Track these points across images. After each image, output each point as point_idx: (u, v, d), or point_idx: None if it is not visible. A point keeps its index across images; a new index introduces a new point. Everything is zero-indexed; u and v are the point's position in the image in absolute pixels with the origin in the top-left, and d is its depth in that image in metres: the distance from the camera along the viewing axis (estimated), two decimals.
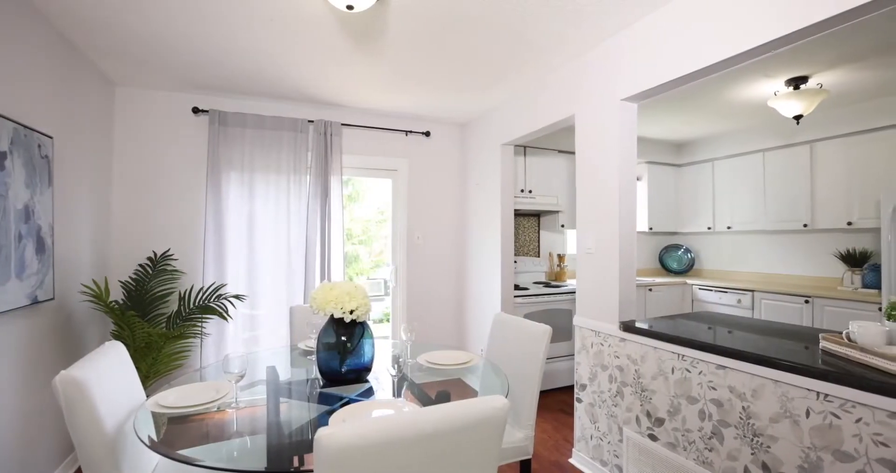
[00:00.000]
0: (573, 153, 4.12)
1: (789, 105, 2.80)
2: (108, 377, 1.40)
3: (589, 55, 2.41)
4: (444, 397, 1.61)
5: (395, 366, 1.45)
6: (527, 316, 3.47)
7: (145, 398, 1.64)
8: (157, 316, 2.93)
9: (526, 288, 3.62)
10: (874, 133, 3.27)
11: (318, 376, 1.70)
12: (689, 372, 1.76)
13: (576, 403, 2.45)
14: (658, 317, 2.25)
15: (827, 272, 3.74)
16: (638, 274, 4.78)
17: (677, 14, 1.88)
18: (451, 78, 2.89)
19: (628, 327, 2.07)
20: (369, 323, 1.75)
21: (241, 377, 1.46)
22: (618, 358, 2.15)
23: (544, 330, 1.86)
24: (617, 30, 2.17)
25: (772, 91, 3.00)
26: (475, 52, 2.46)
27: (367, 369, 1.71)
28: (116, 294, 2.98)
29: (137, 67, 2.75)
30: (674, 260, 4.88)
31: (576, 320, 2.45)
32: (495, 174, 3.43)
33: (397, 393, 1.53)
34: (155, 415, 1.37)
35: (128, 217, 3.09)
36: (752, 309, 3.69)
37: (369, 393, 1.68)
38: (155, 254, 3.08)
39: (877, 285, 3.20)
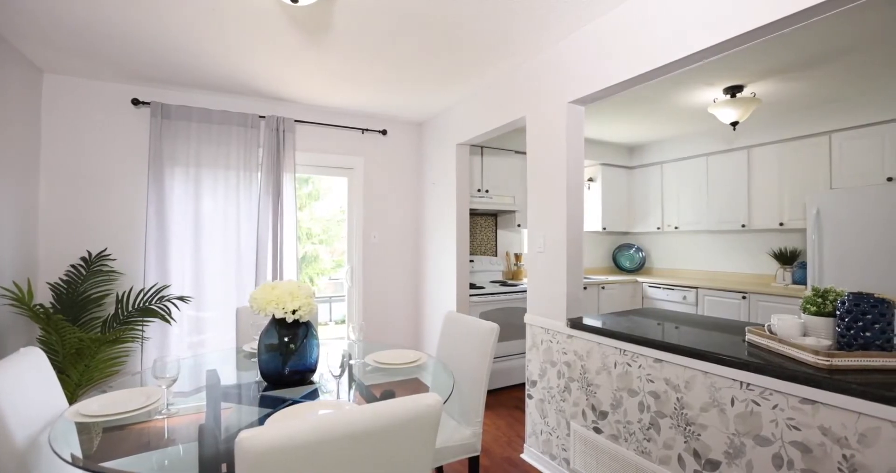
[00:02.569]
0: None
1: (726, 112, 2.96)
2: (21, 386, 1.29)
3: (538, 58, 2.46)
4: (388, 396, 1.59)
5: (340, 367, 1.42)
6: (482, 315, 3.51)
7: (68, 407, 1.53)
8: (92, 320, 2.75)
9: (482, 288, 3.65)
10: (802, 140, 3.52)
11: (261, 379, 1.65)
12: (630, 366, 1.83)
13: (527, 399, 2.49)
14: (607, 314, 2.33)
15: (762, 269, 4.00)
16: (591, 273, 4.94)
17: (621, 22, 1.95)
18: (404, 76, 2.87)
19: (575, 324, 2.13)
20: (314, 322, 1.71)
21: (174, 381, 1.39)
22: (566, 354, 2.20)
23: (491, 328, 1.88)
24: (565, 34, 2.23)
25: (712, 98, 3.17)
26: (425, 51, 2.46)
27: (312, 370, 1.67)
28: (45, 296, 2.78)
29: (66, 54, 2.57)
30: (626, 258, 5.07)
31: (527, 318, 2.50)
32: (451, 174, 3.44)
33: (341, 393, 1.50)
34: (77, 426, 1.28)
35: (59, 213, 2.88)
36: (696, 305, 3.89)
37: (314, 394, 1.64)
38: (90, 254, 2.90)
39: (804, 281, 3.45)
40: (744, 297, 3.54)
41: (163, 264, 3.03)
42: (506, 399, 3.40)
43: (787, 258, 3.70)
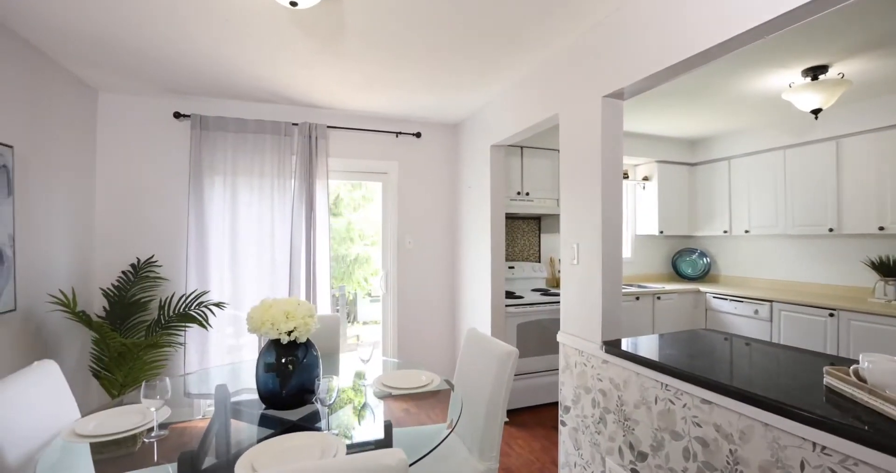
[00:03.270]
0: None
1: (806, 97, 2.51)
2: (21, 403, 1.31)
3: (569, 49, 2.21)
4: (385, 429, 1.47)
5: (327, 394, 1.31)
6: (520, 327, 3.29)
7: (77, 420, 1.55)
8: (139, 324, 2.89)
9: (521, 297, 3.43)
10: None
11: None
12: (673, 403, 1.55)
13: (560, 426, 2.25)
14: (658, 335, 2.04)
15: (856, 281, 3.40)
16: (648, 280, 4.51)
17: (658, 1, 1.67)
18: (426, 77, 2.73)
19: (611, 348, 1.87)
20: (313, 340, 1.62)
21: (165, 402, 1.35)
22: (600, 380, 1.95)
23: (508, 352, 1.68)
24: (599, 20, 1.97)
25: (787, 82, 2.72)
26: (447, 49, 2.30)
27: (312, 391, 1.58)
28: (101, 302, 2.96)
29: (116, 74, 2.72)
30: (688, 265, 4.58)
31: (560, 337, 2.26)
32: (485, 176, 3.25)
33: (332, 423, 1.39)
34: (69, 445, 1.27)
35: (113, 223, 3.07)
36: (771, 320, 3.39)
37: (314, 417, 1.55)
38: (138, 261, 3.05)
39: None
40: (831, 314, 3.01)
41: (203, 270, 3.13)
42: (545, 418, 3.15)
43: (891, 269, 3.10)
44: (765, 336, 3.39)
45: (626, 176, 4.42)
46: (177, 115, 3.12)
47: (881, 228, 3.06)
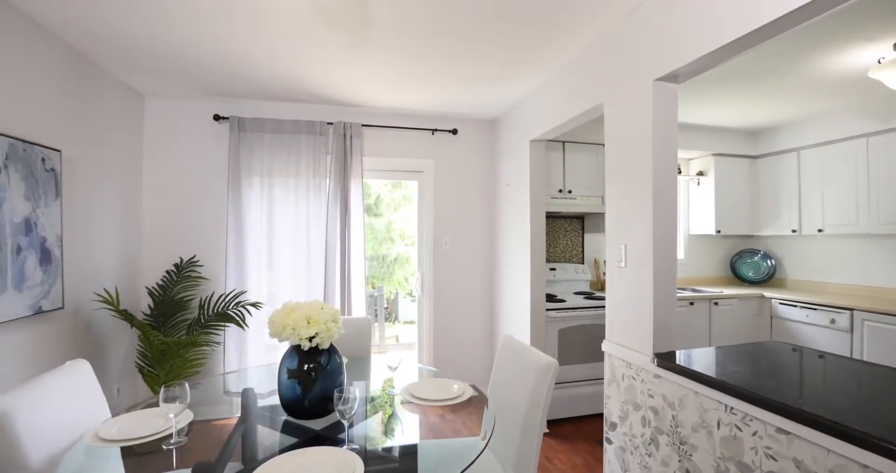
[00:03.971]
0: None
1: None
2: (48, 403, 1.31)
3: (615, 30, 2.01)
4: (406, 452, 1.36)
5: (346, 407, 1.21)
6: (562, 332, 3.09)
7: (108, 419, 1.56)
8: (181, 322, 2.96)
9: (563, 300, 3.23)
10: None
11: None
12: (741, 430, 1.34)
13: (605, 443, 2.06)
14: (717, 348, 1.81)
15: None
16: (703, 284, 4.15)
17: None
18: (459, 70, 2.61)
19: (664, 360, 1.67)
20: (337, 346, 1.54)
21: (183, 409, 1.31)
22: (652, 397, 1.75)
23: (547, 364, 1.53)
24: None
25: (875, 58, 2.37)
26: (478, 38, 2.16)
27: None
28: (146, 300, 3.06)
29: (159, 79, 2.80)
30: (749, 267, 4.18)
31: (605, 345, 2.07)
32: (524, 173, 3.09)
33: (349, 438, 1.29)
34: (94, 448, 1.25)
35: (159, 224, 3.17)
36: (852, 331, 2.99)
37: (337, 427, 1.47)
38: (181, 260, 3.13)
39: None
40: None
41: (241, 270, 3.17)
42: (588, 431, 2.94)
43: None
44: (843, 349, 3.00)
45: (678, 171, 4.09)
46: (216, 118, 3.18)
47: None
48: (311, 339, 1.40)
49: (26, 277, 1.94)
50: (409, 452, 1.36)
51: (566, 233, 3.96)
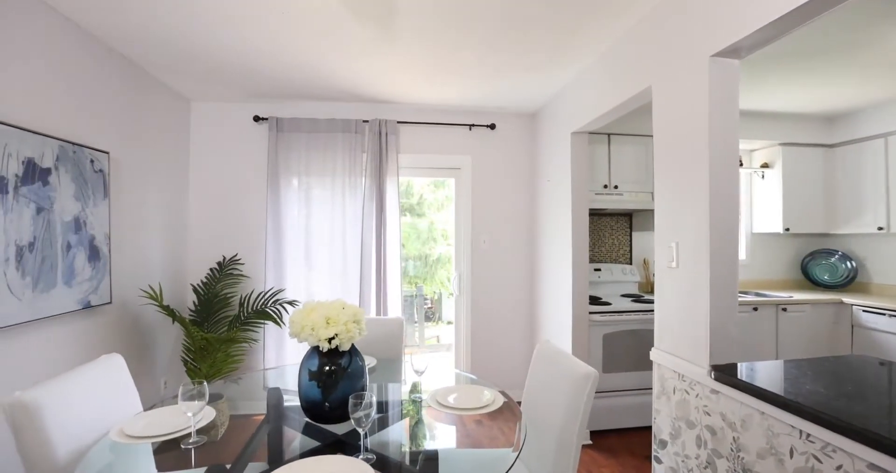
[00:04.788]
0: None
1: None
2: (78, 397, 1.33)
3: (663, 2, 1.81)
4: (428, 457, 1.26)
5: (363, 414, 1.13)
6: (607, 338, 2.88)
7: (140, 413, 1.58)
8: (223, 319, 3.04)
9: (608, 303, 3.02)
10: None
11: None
12: (820, 461, 1.13)
13: (654, 463, 1.87)
14: (787, 361, 1.58)
15: None
16: (769, 287, 3.77)
17: None
18: (494, 59, 2.48)
19: (723, 374, 1.47)
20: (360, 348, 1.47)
21: (202, 408, 1.28)
22: (708, 415, 1.55)
23: (585, 374, 1.38)
24: None
25: None
26: (512, 23, 2.03)
27: None
28: (191, 296, 3.17)
29: (207, 84, 2.90)
30: (825, 269, 3.74)
31: (654, 354, 1.87)
32: (565, 168, 2.91)
33: (366, 446, 1.21)
34: (118, 444, 1.26)
35: (204, 223, 3.28)
36: None
37: (355, 434, 1.41)
38: (224, 258, 3.22)
39: None
40: None
41: (279, 269, 3.22)
42: (635, 444, 2.72)
43: None
44: None
45: (739, 163, 3.72)
46: (256, 119, 3.25)
47: None
48: (330, 341, 1.34)
49: (75, 273, 2.03)
50: (431, 463, 1.26)
51: (612, 231, 3.72)
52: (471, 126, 3.53)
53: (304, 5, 1.92)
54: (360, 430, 1.15)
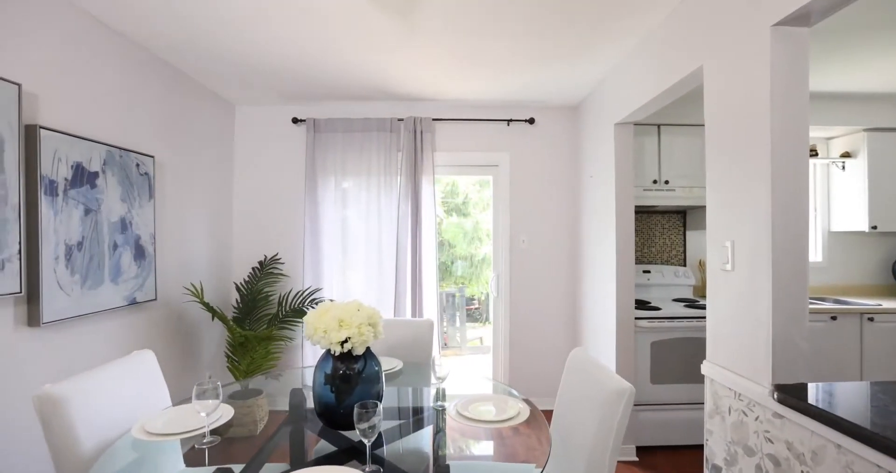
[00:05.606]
0: None
1: None
2: (106, 391, 1.37)
3: None
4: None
5: (367, 426, 1.06)
6: (655, 346, 2.65)
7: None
8: (263, 316, 3.12)
9: (657, 308, 2.78)
10: None
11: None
12: None
13: None
14: (874, 383, 1.35)
15: None
16: (851, 293, 3.32)
17: None
18: (528, 49, 2.34)
19: (790, 396, 1.26)
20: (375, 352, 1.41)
21: (216, 407, 1.27)
22: (771, 442, 1.34)
23: (620, 389, 1.23)
24: None
25: None
26: (555, 8, 1.89)
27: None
28: (235, 295, 3.28)
29: (243, 88, 2.99)
30: None
31: (705, 367, 1.67)
32: (608, 162, 2.71)
33: (372, 459, 1.14)
34: (138, 441, 1.28)
35: (247, 223, 3.39)
36: None
37: (376, 440, 1.34)
38: (265, 258, 3.31)
39: None
40: None
41: (317, 268, 3.26)
42: (685, 464, 2.48)
43: None
44: None
45: (813, 152, 3.32)
46: (294, 121, 3.31)
47: None
48: (342, 344, 1.29)
49: (122, 271, 2.14)
50: None
51: (664, 230, 3.44)
52: (509, 121, 3.40)
53: (325, 2, 1.90)
54: (365, 441, 1.08)
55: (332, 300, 3.08)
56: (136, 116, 2.29)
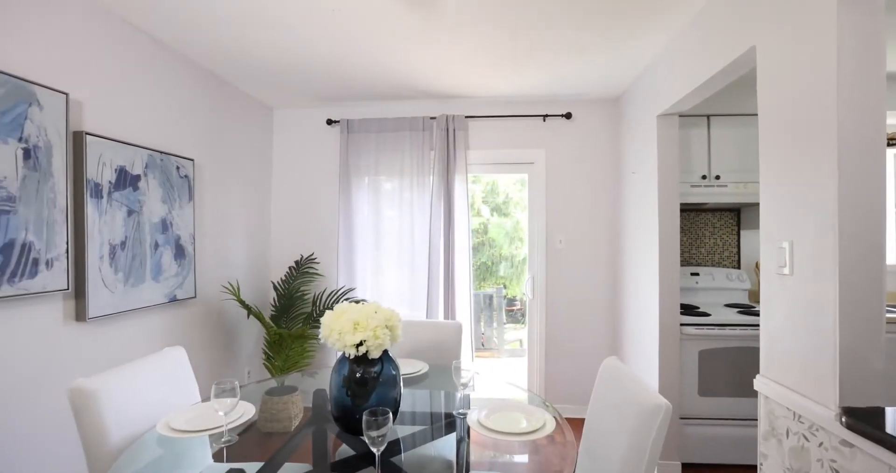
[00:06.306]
0: None
1: None
2: (136, 386, 1.41)
3: None
4: None
5: (377, 435, 1.01)
6: (704, 355, 2.45)
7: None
8: (299, 315, 3.18)
9: (706, 314, 2.56)
10: None
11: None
12: None
13: None
14: None
15: None
16: None
17: None
18: (560, 38, 2.22)
19: (860, 423, 1.09)
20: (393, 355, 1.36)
21: (234, 405, 1.27)
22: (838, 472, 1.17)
23: (654, 407, 1.11)
24: None
25: None
26: None
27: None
28: (272, 294, 3.37)
29: (280, 91, 3.06)
30: None
31: (758, 383, 1.49)
32: (650, 157, 2.53)
33: (387, 467, 1.09)
34: (162, 437, 1.30)
35: (284, 224, 3.48)
36: None
37: (393, 448, 1.30)
38: (301, 257, 3.38)
39: None
40: None
41: (350, 268, 3.28)
42: None
43: None
44: None
45: (893, 141, 2.94)
46: (329, 122, 3.35)
47: None
48: (357, 347, 1.25)
49: (162, 269, 2.23)
50: None
51: (714, 229, 3.19)
52: (545, 116, 3.27)
53: (360, 7, 1.88)
54: (374, 450, 1.03)
55: (364, 300, 3.09)
56: (177, 121, 2.39)
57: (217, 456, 1.29)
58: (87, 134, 1.82)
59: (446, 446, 1.41)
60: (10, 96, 1.53)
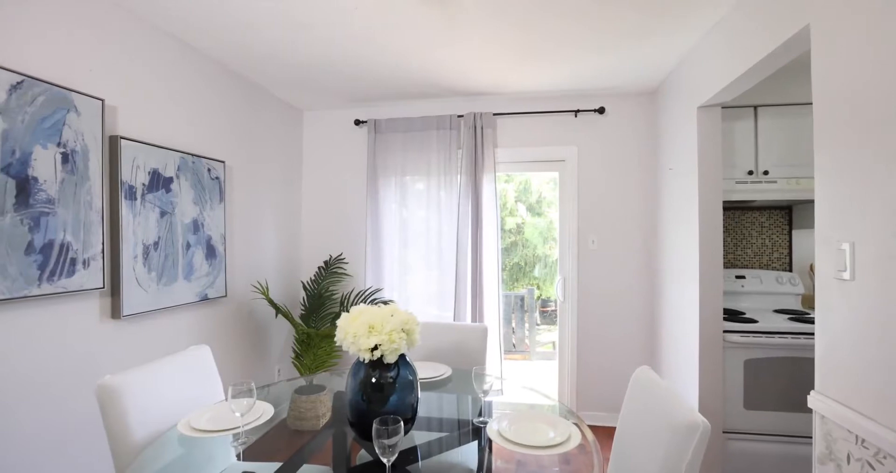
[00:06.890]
0: None
1: None
2: (161, 385, 1.43)
3: None
4: None
5: (388, 445, 0.96)
6: (750, 365, 2.27)
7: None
8: (328, 315, 3.21)
9: (752, 320, 2.38)
10: None
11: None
12: None
13: None
14: None
15: None
16: None
17: None
18: (598, 27, 2.11)
19: None
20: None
21: (251, 406, 1.27)
22: None
23: (690, 424, 1.01)
24: None
25: None
26: None
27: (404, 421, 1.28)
28: (302, 293, 3.41)
29: (308, 93, 3.10)
30: None
31: (812, 400, 1.35)
32: (690, 151, 2.37)
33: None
34: (182, 436, 1.32)
35: (314, 224, 3.52)
36: None
37: (409, 456, 1.26)
38: (330, 257, 3.41)
39: None
40: None
41: (377, 268, 3.28)
42: None
43: None
44: None
45: None
46: (357, 122, 3.36)
47: None
48: (372, 351, 1.21)
49: (194, 269, 2.29)
50: None
51: (763, 229, 2.96)
52: (576, 112, 3.15)
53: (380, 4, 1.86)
54: (384, 461, 0.99)
55: (391, 301, 3.07)
56: (209, 125, 2.45)
57: (240, 456, 1.29)
58: (121, 138, 1.88)
59: (467, 455, 1.35)
60: (50, 103, 1.60)
